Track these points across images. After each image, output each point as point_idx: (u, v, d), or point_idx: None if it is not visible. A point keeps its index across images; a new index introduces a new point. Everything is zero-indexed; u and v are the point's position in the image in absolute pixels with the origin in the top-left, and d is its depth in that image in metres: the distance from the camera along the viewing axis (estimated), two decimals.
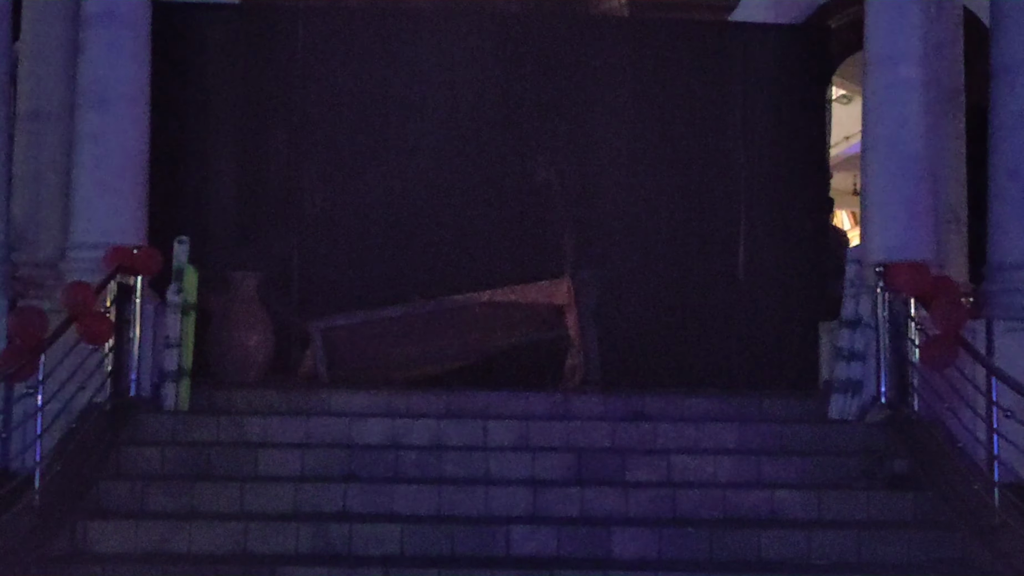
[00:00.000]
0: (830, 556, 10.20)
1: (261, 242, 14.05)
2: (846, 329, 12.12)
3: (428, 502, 10.57)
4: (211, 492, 10.55)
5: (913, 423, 11.55)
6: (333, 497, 10.58)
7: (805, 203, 14.55)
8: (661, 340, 14.19)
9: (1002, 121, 12.90)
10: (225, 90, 14.37)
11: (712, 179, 14.59)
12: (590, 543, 10.18)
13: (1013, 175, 12.80)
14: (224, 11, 14.84)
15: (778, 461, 11.29)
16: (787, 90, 14.69)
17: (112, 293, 11.40)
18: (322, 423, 11.56)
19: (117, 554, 9.79)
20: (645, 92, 14.67)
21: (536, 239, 14.41)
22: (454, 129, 14.43)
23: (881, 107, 12.70)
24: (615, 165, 14.55)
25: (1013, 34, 12.93)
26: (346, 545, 10.06)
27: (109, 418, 11.12)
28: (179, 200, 13.88)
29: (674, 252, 14.39)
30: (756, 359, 14.21)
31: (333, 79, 14.47)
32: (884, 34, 12.77)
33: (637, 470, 11.11)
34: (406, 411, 11.87)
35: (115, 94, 12.27)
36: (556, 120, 14.53)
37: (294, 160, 14.34)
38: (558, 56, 14.68)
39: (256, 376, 13.00)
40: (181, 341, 11.76)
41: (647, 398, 12.25)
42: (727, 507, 10.72)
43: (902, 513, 10.76)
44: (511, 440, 11.47)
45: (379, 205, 14.33)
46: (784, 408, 12.31)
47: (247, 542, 10.00)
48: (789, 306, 14.17)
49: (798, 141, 14.65)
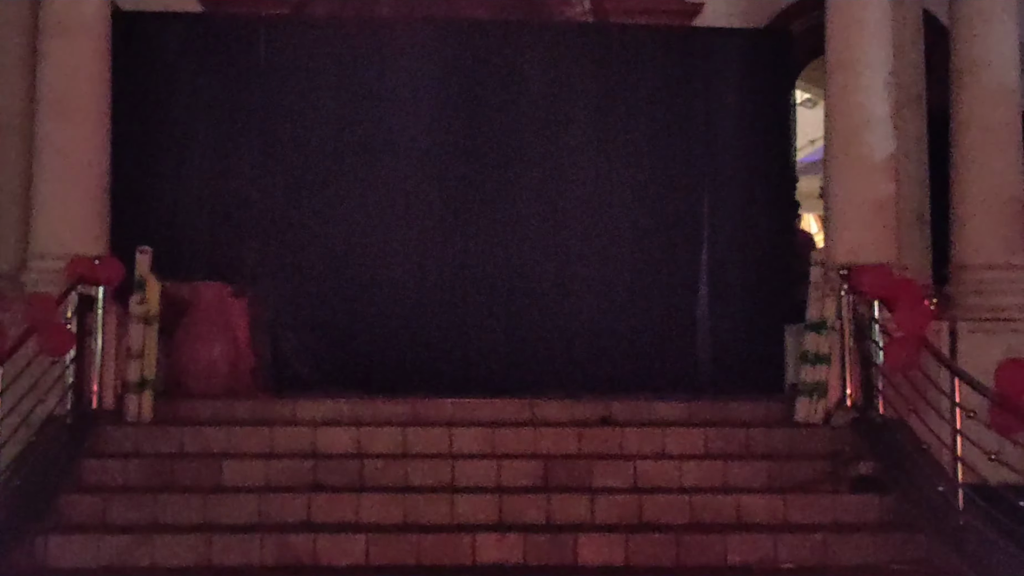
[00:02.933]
0: (796, 559, 10.17)
1: (225, 252, 13.92)
2: (811, 332, 12.14)
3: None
4: (174, 504, 10.48)
5: (878, 425, 11.58)
6: (298, 507, 10.53)
7: (770, 207, 14.52)
8: (626, 344, 14.11)
9: (963, 122, 12.93)
10: (189, 99, 14.23)
11: (677, 183, 14.52)
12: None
13: (975, 176, 12.86)
14: (186, 21, 14.71)
15: (744, 465, 11.31)
16: (751, 94, 14.65)
17: (73, 304, 11.33)
18: (286, 433, 11.53)
19: (77, 569, 9.72)
20: (609, 97, 14.60)
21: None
22: (418, 137, 14.32)
23: (842, 109, 12.75)
24: (580, 169, 14.47)
25: (972, 34, 12.97)
26: (311, 555, 9.99)
27: (71, 430, 11.08)
28: (142, 210, 13.75)
29: (638, 256, 14.33)
30: (722, 363, 14.16)
31: (296, 88, 14.34)
32: (845, 37, 12.82)
33: (604, 475, 11.08)
34: (371, 419, 11.83)
35: (75, 104, 12.26)
36: (520, 124, 14.44)
37: (258, 169, 14.20)
38: (523, 62, 14.62)
39: (220, 386, 12.89)
40: (144, 352, 11.70)
41: (614, 402, 12.24)
42: (693, 512, 10.70)
43: (868, 515, 10.76)
44: (477, 447, 11.44)
45: (345, 214, 14.22)
46: (750, 411, 12.33)
47: (211, 554, 9.93)
48: (755, 309, 14.11)
49: (763, 145, 14.63)
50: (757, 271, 14.29)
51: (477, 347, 14.01)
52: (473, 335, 14.07)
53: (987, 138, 13.02)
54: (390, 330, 13.98)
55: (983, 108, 13.03)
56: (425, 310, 14.09)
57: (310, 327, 13.91)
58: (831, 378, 12.01)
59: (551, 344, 14.08)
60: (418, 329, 14.01)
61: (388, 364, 13.80)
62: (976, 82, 13.11)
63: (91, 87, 12.34)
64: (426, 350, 13.95)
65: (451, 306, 14.13)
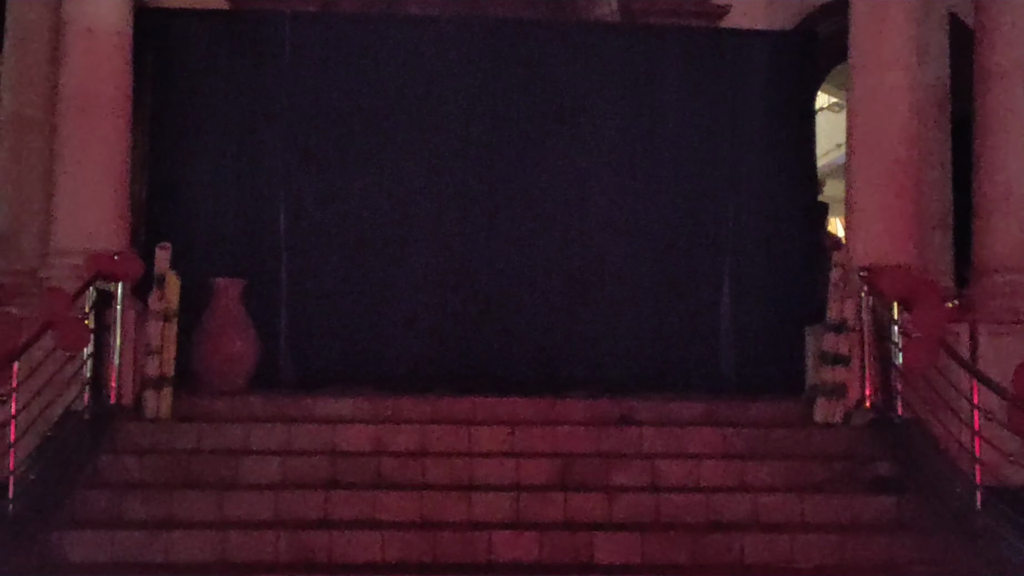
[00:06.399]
0: (813, 559, 10.15)
1: (248, 248, 13.93)
2: (831, 333, 12.09)
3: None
4: (190, 500, 10.48)
5: (897, 426, 11.55)
6: (314, 504, 10.53)
7: (793, 208, 14.43)
8: (649, 343, 14.11)
9: (987, 126, 12.88)
10: (214, 96, 14.17)
11: (701, 183, 14.47)
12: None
13: (998, 179, 12.81)
14: (211, 17, 14.68)
15: (762, 465, 11.27)
16: (777, 96, 14.57)
17: (91, 299, 11.35)
18: (304, 430, 11.53)
19: (92, 564, 9.72)
20: (634, 97, 14.57)
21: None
22: (443, 134, 14.32)
23: (866, 111, 12.71)
24: (604, 169, 14.44)
25: (998, 37, 12.90)
26: (327, 552, 9.99)
27: (88, 426, 11.09)
28: (164, 206, 13.84)
29: (663, 256, 14.28)
30: (743, 363, 14.14)
31: (322, 85, 14.32)
32: (869, 38, 12.80)
33: (621, 474, 11.08)
34: (390, 417, 11.90)
35: (97, 101, 12.28)
36: (544, 123, 14.42)
37: (282, 167, 14.19)
38: (548, 62, 14.58)
39: (240, 383, 12.90)
40: (163, 348, 11.72)
41: (634, 402, 12.23)
42: (711, 511, 10.68)
43: (885, 516, 10.72)
44: (496, 446, 11.45)
45: (369, 209, 14.21)
46: (769, 412, 12.31)
47: (226, 551, 9.93)
48: (776, 311, 14.05)
49: (787, 146, 14.54)
50: (779, 272, 14.22)
51: (498, 346, 13.98)
52: (495, 334, 14.03)
53: (1011, 141, 12.92)
54: (411, 328, 13.97)
55: (1006, 111, 12.93)
56: (447, 308, 14.07)
57: (330, 324, 13.91)
58: (850, 379, 11.97)
59: (572, 343, 14.06)
60: (439, 327, 13.99)
61: (408, 362, 13.82)
62: (1001, 86, 13.01)
63: (113, 84, 12.36)
64: (447, 348, 13.94)
65: (473, 305, 14.09)
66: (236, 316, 12.99)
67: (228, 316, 12.94)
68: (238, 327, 12.97)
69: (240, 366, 12.94)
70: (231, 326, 12.93)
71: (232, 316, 12.96)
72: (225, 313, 12.93)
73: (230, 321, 12.94)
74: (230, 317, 12.95)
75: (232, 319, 12.95)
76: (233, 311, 12.98)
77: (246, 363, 12.99)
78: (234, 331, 12.94)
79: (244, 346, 12.99)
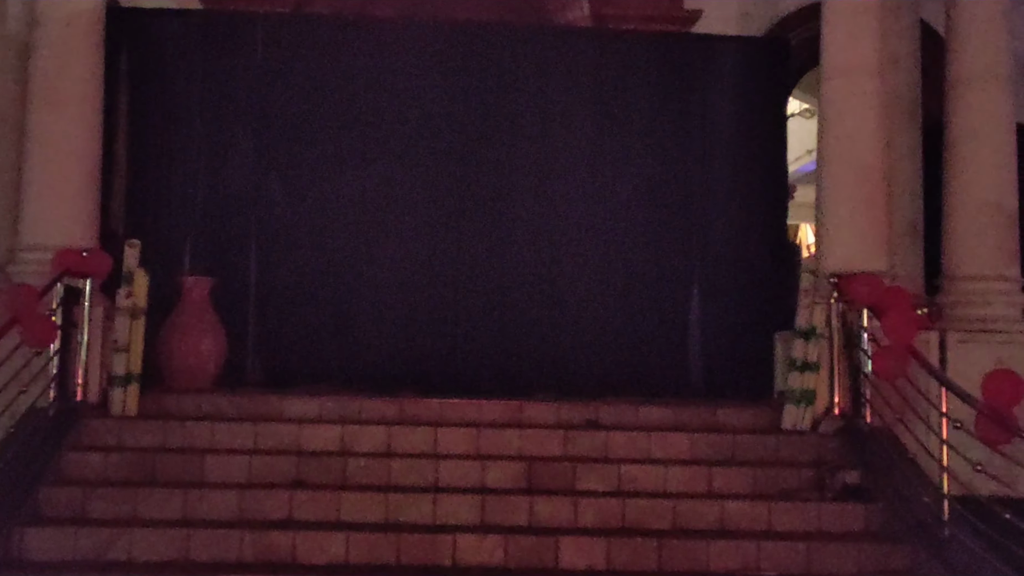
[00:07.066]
0: (780, 567, 10.12)
1: (217, 248, 13.88)
2: (800, 339, 12.09)
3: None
4: (155, 499, 10.40)
5: (865, 434, 11.55)
6: (279, 504, 10.46)
7: (763, 214, 14.47)
8: (617, 347, 14.10)
9: (957, 133, 12.92)
10: (186, 95, 14.14)
11: (671, 188, 14.49)
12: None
13: (968, 187, 12.84)
14: (184, 16, 14.72)
15: (729, 471, 11.25)
16: (748, 101, 14.60)
17: (58, 296, 11.27)
18: (271, 429, 11.47)
19: (54, 562, 9.63)
20: (605, 101, 14.57)
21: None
22: (413, 137, 14.30)
23: (836, 118, 12.74)
24: (574, 173, 14.43)
25: (968, 45, 12.95)
26: (290, 553, 9.94)
27: (53, 422, 10.99)
28: (136, 204, 13.82)
29: (630, 260, 14.29)
30: (712, 368, 14.17)
31: (293, 85, 14.31)
32: (839, 45, 12.82)
33: (588, 478, 11.04)
34: (357, 417, 11.84)
35: (66, 95, 12.20)
36: (515, 127, 14.41)
37: (253, 166, 14.15)
38: (519, 66, 14.58)
39: (207, 382, 12.84)
40: (130, 345, 11.65)
41: (602, 406, 12.20)
42: (677, 517, 10.65)
43: (853, 524, 10.70)
44: (462, 448, 11.40)
45: (337, 212, 14.18)
46: (737, 417, 12.26)
47: (190, 550, 9.86)
48: (745, 316, 14.07)
49: (758, 152, 14.58)
50: (749, 278, 14.24)
51: (466, 348, 14.00)
52: (463, 336, 14.05)
53: (980, 149, 12.97)
54: (380, 329, 14.00)
55: (977, 119, 12.99)
56: (416, 310, 14.07)
57: (299, 324, 13.88)
58: (819, 386, 11.96)
59: (541, 347, 14.07)
60: (408, 329, 14.00)
61: (377, 363, 13.81)
62: (971, 93, 13.08)
63: (83, 79, 12.28)
64: (415, 350, 13.94)
65: (442, 307, 14.11)
66: (204, 314, 12.93)
67: (196, 314, 12.89)
68: (206, 325, 12.92)
69: (208, 364, 12.87)
70: (199, 324, 12.87)
71: (200, 314, 12.91)
72: (193, 311, 12.87)
73: (198, 319, 12.88)
74: (198, 315, 12.89)
75: (200, 317, 12.90)
76: (201, 309, 12.92)
77: (214, 361, 12.93)
78: (202, 329, 12.88)
79: (212, 345, 12.92)
